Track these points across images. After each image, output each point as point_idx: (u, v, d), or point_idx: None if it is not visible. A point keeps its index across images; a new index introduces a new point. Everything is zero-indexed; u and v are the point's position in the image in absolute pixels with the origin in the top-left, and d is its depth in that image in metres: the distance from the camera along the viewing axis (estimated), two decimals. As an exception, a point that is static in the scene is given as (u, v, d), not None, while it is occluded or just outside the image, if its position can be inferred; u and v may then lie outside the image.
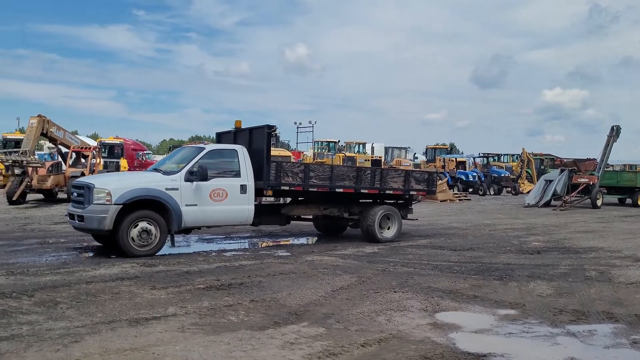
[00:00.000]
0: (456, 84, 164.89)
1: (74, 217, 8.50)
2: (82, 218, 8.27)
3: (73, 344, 4.29)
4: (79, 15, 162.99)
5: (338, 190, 10.25)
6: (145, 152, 37.82)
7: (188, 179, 8.70)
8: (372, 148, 42.84)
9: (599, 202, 22.11)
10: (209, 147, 9.58)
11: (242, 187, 9.23)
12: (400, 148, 45.04)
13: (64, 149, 20.11)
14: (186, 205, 8.64)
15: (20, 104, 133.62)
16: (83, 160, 19.57)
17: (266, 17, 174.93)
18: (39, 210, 16.11)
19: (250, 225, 9.77)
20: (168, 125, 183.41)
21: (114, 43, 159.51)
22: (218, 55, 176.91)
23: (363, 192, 10.67)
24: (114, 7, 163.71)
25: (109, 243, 8.78)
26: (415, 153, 50.39)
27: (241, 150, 9.47)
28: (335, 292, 6.32)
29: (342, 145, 40.97)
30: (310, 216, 11.23)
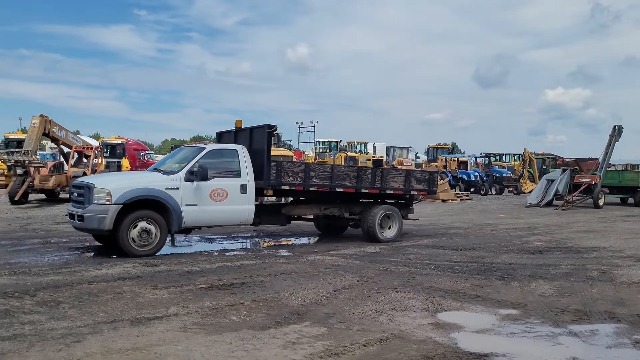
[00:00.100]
0: (458, 84, 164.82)
1: (74, 217, 8.50)
2: (82, 218, 8.28)
3: (75, 344, 4.30)
4: (81, 15, 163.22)
5: (338, 189, 10.25)
6: (147, 152, 37.81)
7: (188, 179, 8.70)
8: (374, 148, 42.79)
9: (601, 202, 22.09)
10: (209, 147, 9.56)
11: (243, 187, 9.23)
12: (402, 148, 44.97)
13: (66, 149, 20.15)
14: (186, 205, 8.64)
15: (22, 104, 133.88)
16: (85, 160, 19.60)
17: (267, 17, 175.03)
18: (41, 210, 16.15)
19: (250, 225, 9.77)
20: (170, 125, 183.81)
21: (116, 43, 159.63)
22: (219, 55, 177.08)
23: (364, 192, 10.66)
24: (116, 7, 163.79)
25: (110, 243, 8.78)
26: (417, 153, 50.38)
27: (241, 150, 9.47)
28: (337, 292, 6.32)
29: (344, 145, 40.97)
30: (310, 216, 11.23)
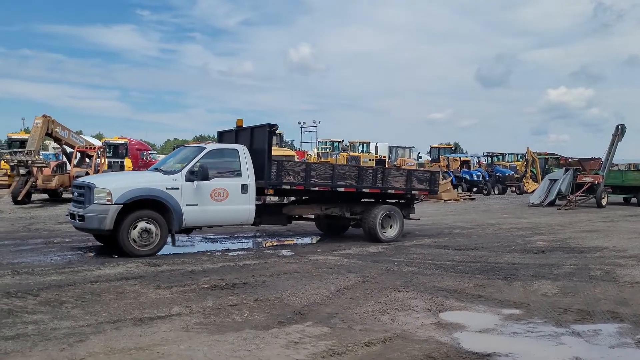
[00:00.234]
0: (459, 84, 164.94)
1: (75, 217, 8.50)
2: (83, 218, 8.27)
3: (78, 343, 4.30)
4: (84, 15, 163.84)
5: (339, 189, 10.24)
6: (149, 152, 37.88)
7: (189, 179, 8.69)
8: (376, 147, 42.76)
9: (604, 202, 22.03)
10: (210, 147, 9.55)
11: (243, 187, 9.22)
12: (404, 147, 44.96)
13: (69, 149, 20.18)
14: (187, 205, 8.63)
15: (25, 104, 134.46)
16: (88, 160, 19.66)
17: (270, 17, 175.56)
18: (44, 210, 16.18)
19: (251, 225, 9.76)
20: (172, 125, 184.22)
21: (118, 43, 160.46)
22: (222, 55, 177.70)
23: (365, 192, 10.65)
24: (118, 7, 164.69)
25: (111, 243, 8.77)
26: (419, 152, 50.23)
27: (242, 149, 9.45)
28: (339, 292, 6.32)
29: (346, 144, 40.96)
30: (312, 216, 11.22)
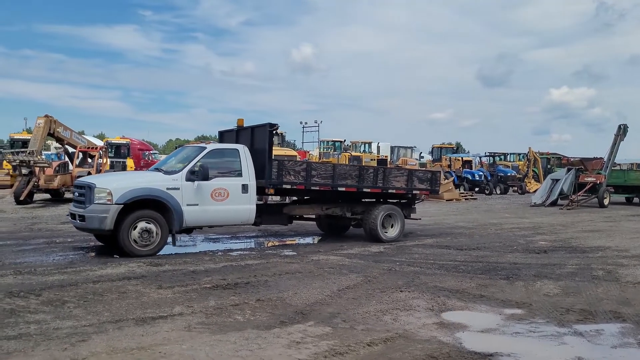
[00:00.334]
0: (460, 83, 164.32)
1: (76, 217, 8.50)
2: (84, 218, 8.27)
3: (80, 343, 4.31)
4: (85, 15, 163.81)
5: (340, 189, 10.23)
6: (151, 152, 37.96)
7: (189, 179, 8.69)
8: (378, 147, 42.81)
9: (606, 201, 22.00)
10: (210, 147, 9.55)
11: (244, 187, 9.22)
12: (406, 147, 44.94)
13: (71, 149, 20.24)
14: (187, 204, 8.63)
15: (27, 104, 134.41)
16: (90, 160, 19.68)
17: (271, 17, 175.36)
18: (46, 210, 16.21)
19: (252, 225, 9.75)
20: (174, 125, 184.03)
21: (120, 43, 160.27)
22: (224, 55, 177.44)
23: (365, 191, 10.63)
24: (120, 7, 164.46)
25: (112, 243, 8.78)
26: (421, 152, 50.25)
27: (243, 149, 9.45)
28: (341, 292, 6.32)
29: (348, 144, 40.97)
30: (312, 216, 11.22)
